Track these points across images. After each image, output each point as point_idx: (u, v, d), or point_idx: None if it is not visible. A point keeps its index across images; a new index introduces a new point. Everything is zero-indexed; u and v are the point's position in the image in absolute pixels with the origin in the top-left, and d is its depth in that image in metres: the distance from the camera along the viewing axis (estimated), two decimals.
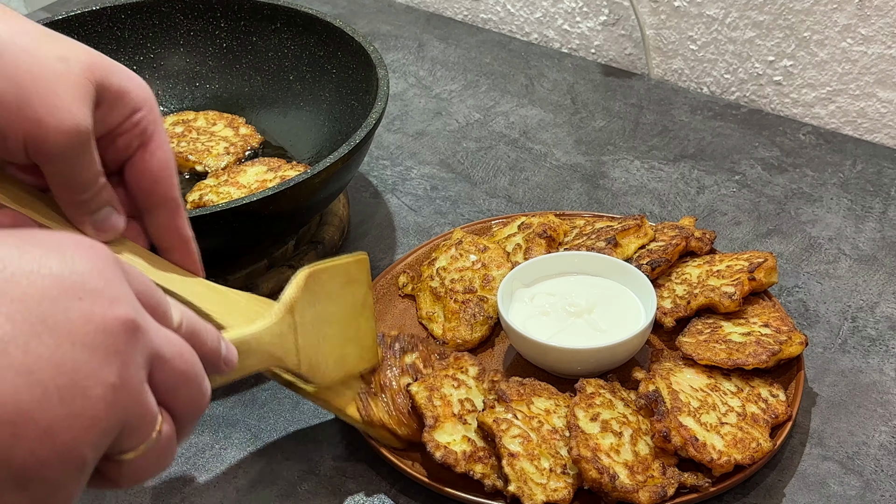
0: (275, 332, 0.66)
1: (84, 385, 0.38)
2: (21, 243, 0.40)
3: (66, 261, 0.40)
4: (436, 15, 1.41)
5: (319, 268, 0.70)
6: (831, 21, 1.10)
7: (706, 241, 0.90)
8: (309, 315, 0.69)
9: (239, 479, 0.77)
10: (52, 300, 0.39)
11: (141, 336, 0.41)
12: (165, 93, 1.10)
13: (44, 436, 0.37)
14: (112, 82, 0.58)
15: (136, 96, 0.59)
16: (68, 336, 0.38)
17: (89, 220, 0.61)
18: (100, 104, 0.57)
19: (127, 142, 0.60)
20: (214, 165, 1.03)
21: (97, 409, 0.39)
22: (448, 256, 0.91)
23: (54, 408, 0.38)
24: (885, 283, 0.92)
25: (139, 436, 0.42)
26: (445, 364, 0.79)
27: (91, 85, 0.56)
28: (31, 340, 0.38)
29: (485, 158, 1.12)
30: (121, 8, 1.07)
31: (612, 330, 0.80)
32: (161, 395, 0.43)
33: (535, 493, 0.68)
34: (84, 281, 0.40)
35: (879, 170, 1.07)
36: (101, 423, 0.39)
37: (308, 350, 0.70)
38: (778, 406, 0.76)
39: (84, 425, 0.38)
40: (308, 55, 1.06)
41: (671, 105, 1.19)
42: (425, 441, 0.72)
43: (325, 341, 0.71)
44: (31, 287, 0.39)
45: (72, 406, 0.38)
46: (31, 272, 0.39)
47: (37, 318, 0.38)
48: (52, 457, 0.38)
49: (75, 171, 0.58)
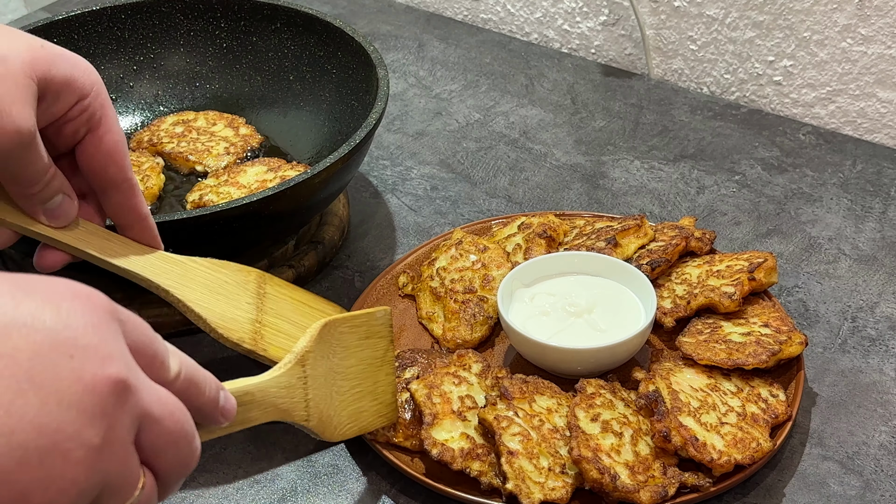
0: (282, 384, 0.62)
1: (66, 447, 0.38)
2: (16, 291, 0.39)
3: (61, 314, 0.39)
4: (436, 15, 1.41)
5: (338, 319, 0.67)
6: (831, 21, 1.10)
7: (706, 241, 0.90)
8: (322, 367, 0.66)
9: (239, 479, 0.77)
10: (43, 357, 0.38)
11: (130, 396, 0.40)
12: (165, 93, 1.11)
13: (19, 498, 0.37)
14: (55, 74, 0.58)
15: (82, 84, 0.59)
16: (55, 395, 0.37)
17: (41, 210, 0.61)
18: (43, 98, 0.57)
19: (75, 128, 0.60)
20: (214, 165, 1.03)
21: (76, 472, 0.38)
22: (448, 256, 0.91)
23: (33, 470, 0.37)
24: (885, 283, 0.92)
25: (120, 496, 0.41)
26: (448, 361, 0.79)
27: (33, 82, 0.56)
28: (17, 399, 0.37)
29: (485, 158, 1.12)
30: (121, 8, 1.07)
31: (612, 330, 0.80)
32: (147, 454, 0.42)
33: (532, 491, 0.68)
34: (77, 337, 0.39)
35: (879, 170, 1.07)
36: (80, 486, 0.38)
37: (319, 403, 0.66)
38: (778, 406, 0.76)
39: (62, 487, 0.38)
40: (308, 55, 1.06)
41: (671, 105, 1.19)
42: (423, 438, 0.72)
43: (338, 395, 0.68)
44: (23, 341, 0.38)
45: (51, 469, 0.37)
46: (25, 325, 0.38)
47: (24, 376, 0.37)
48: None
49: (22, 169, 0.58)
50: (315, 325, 0.65)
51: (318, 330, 0.65)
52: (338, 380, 0.68)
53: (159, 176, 1.00)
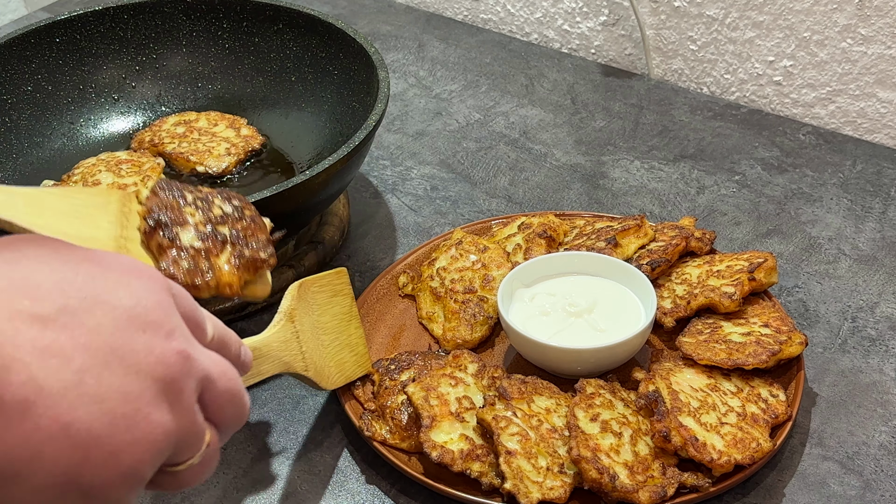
0: (280, 339, 0.70)
1: (146, 412, 0.42)
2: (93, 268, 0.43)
3: (133, 292, 0.43)
4: (436, 15, 1.41)
5: (308, 280, 0.76)
6: (831, 21, 1.10)
7: (706, 241, 0.90)
8: (307, 323, 0.74)
9: (239, 479, 0.77)
10: (122, 332, 0.42)
11: (192, 364, 0.44)
12: (167, 93, 1.11)
13: (110, 459, 0.41)
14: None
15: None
16: (134, 367, 0.42)
17: None
18: None
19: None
20: (216, 166, 1.03)
21: (156, 433, 0.42)
22: (448, 256, 0.91)
23: (120, 433, 0.41)
24: (885, 283, 0.92)
25: (190, 451, 0.46)
26: (443, 363, 0.79)
27: None
28: (104, 371, 0.41)
29: (485, 158, 1.12)
30: (123, 8, 1.07)
31: (612, 330, 0.80)
32: (209, 412, 0.47)
33: (531, 491, 0.68)
34: (147, 313, 0.43)
35: (879, 170, 1.07)
36: (160, 445, 0.43)
37: (312, 355, 0.74)
38: (778, 406, 0.76)
39: (145, 448, 0.42)
40: (310, 56, 1.06)
41: (671, 105, 1.20)
42: (422, 441, 0.72)
43: (323, 348, 0.76)
44: (105, 318, 0.42)
45: (135, 432, 0.41)
46: (106, 302, 0.42)
47: (109, 349, 0.41)
48: (116, 477, 0.41)
49: None
50: (293, 286, 0.74)
51: (297, 289, 0.74)
52: (320, 334, 0.76)
53: (160, 176, 1.01)
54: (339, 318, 0.79)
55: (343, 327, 0.80)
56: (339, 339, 0.79)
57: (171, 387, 0.43)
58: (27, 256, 0.42)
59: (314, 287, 0.77)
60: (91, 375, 0.40)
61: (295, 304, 0.73)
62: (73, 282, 0.42)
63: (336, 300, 0.79)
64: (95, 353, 0.41)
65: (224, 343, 0.50)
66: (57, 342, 0.40)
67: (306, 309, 0.75)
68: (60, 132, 1.06)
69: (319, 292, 0.77)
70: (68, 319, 0.40)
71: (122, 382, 0.41)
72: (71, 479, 0.40)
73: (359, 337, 0.81)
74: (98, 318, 0.41)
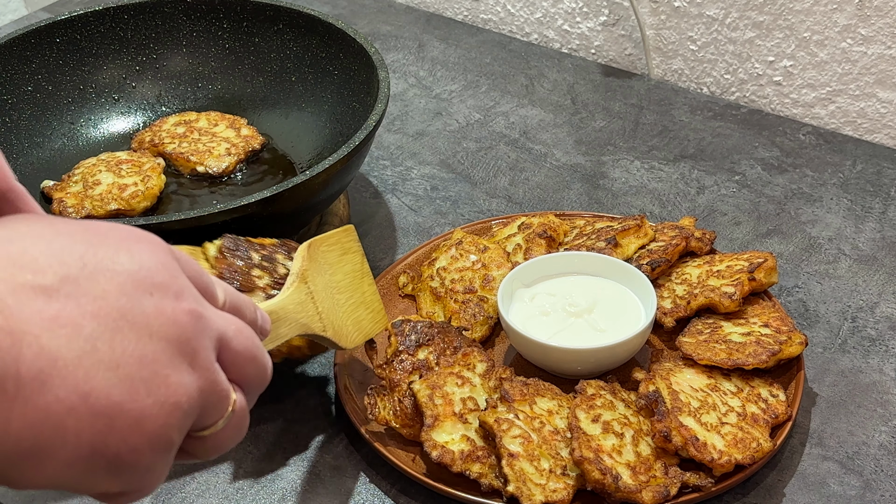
0: (296, 301, 0.69)
1: (165, 374, 0.41)
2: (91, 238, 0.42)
3: (134, 256, 0.42)
4: (436, 15, 1.41)
5: (317, 239, 0.75)
6: (831, 21, 1.10)
7: (706, 241, 0.90)
8: (320, 283, 0.73)
9: (239, 479, 0.78)
10: (129, 296, 0.41)
11: (205, 322, 0.44)
12: (167, 93, 1.11)
13: (134, 425, 0.40)
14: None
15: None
16: (146, 329, 0.41)
17: None
18: None
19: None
20: (216, 166, 1.03)
21: (178, 394, 0.41)
22: (448, 256, 0.91)
23: (142, 398, 0.40)
24: (885, 283, 0.92)
25: (217, 412, 0.45)
26: (452, 361, 0.79)
27: None
28: (116, 336, 0.40)
29: (485, 158, 1.12)
30: (123, 8, 1.07)
31: (612, 330, 0.80)
32: (231, 372, 0.46)
33: (533, 493, 0.68)
34: (152, 276, 0.42)
35: (879, 170, 1.07)
36: (184, 407, 0.42)
37: (329, 315, 0.73)
38: (778, 406, 0.76)
39: (169, 411, 0.41)
40: (310, 56, 1.06)
41: (671, 105, 1.20)
42: (423, 440, 0.72)
43: (339, 307, 0.75)
44: (110, 284, 0.41)
45: (157, 395, 0.40)
46: (108, 269, 0.41)
47: (118, 314, 0.40)
48: (143, 443, 0.40)
49: None
50: (303, 246, 0.73)
51: (307, 249, 0.73)
52: (334, 293, 0.75)
53: (160, 176, 1.01)
54: (352, 275, 0.78)
55: (356, 285, 0.79)
56: (353, 298, 0.78)
57: (186, 346, 0.42)
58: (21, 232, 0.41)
59: (323, 247, 0.75)
60: (103, 342, 0.39)
61: (307, 265, 0.72)
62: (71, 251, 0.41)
63: (347, 258, 0.78)
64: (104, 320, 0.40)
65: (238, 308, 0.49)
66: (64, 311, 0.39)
67: (318, 269, 0.73)
68: (60, 132, 1.06)
69: (329, 251, 0.76)
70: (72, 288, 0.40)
71: (136, 347, 0.40)
72: (97, 450, 0.39)
73: (373, 294, 0.81)
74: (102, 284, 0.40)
